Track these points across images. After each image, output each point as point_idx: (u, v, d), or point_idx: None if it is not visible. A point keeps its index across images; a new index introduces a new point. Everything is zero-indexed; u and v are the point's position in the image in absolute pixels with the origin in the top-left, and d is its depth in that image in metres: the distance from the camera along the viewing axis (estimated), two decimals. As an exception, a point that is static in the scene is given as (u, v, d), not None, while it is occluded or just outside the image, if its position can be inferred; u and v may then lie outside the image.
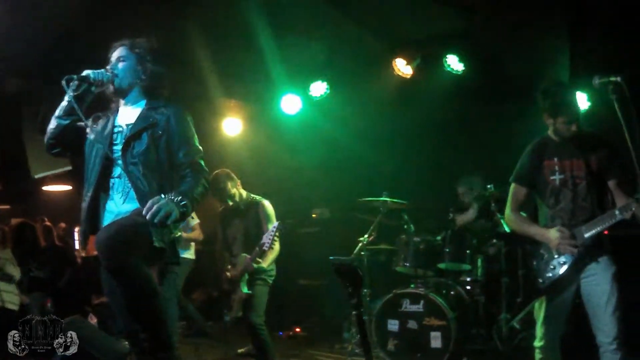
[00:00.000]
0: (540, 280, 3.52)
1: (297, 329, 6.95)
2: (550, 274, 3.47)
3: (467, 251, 5.57)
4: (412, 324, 5.05)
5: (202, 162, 3.17)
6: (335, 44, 6.28)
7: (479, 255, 5.67)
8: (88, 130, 3.18)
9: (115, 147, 3.11)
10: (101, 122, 3.22)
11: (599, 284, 3.33)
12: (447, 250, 5.54)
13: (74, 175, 7.81)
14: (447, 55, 6.05)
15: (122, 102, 3.26)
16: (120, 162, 3.06)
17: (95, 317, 6.38)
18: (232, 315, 5.05)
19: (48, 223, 7.48)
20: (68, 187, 8.52)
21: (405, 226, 5.83)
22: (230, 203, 5.09)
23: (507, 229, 5.34)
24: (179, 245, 3.26)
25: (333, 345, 6.20)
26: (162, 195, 2.80)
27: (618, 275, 3.32)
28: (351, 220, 6.87)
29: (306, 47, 6.40)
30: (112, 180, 3.09)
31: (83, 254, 8.35)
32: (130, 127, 3.11)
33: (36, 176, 6.13)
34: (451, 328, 4.83)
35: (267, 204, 5.22)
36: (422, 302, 5.06)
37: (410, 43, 6.12)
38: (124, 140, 3.06)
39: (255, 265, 4.80)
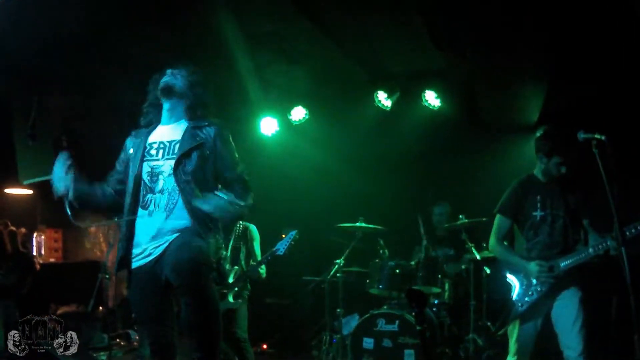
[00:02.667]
0: (520, 304, 3.89)
1: (264, 346, 7.08)
2: (528, 299, 3.85)
3: (438, 275, 5.90)
4: (387, 343, 5.28)
5: (247, 178, 3.28)
6: (319, 71, 6.52)
7: (447, 280, 6.02)
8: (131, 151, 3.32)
9: (156, 163, 3.18)
10: (136, 143, 3.32)
11: (567, 307, 3.75)
12: (420, 274, 5.82)
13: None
14: (426, 91, 6.47)
15: (164, 118, 3.32)
16: (166, 178, 3.13)
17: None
18: None
19: (13, 228, 7.29)
20: (29, 192, 8.32)
21: (381, 251, 6.11)
22: None
23: (477, 256, 5.76)
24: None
25: (303, 362, 6.40)
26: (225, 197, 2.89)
27: (583, 300, 3.74)
28: (320, 242, 7.10)
29: (289, 71, 6.65)
30: (151, 196, 3.13)
31: (41, 261, 8.21)
32: (176, 143, 3.18)
33: (25, 182, 6.06)
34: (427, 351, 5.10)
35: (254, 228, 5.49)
36: (397, 322, 5.31)
37: (392, 77, 6.47)
38: (174, 157, 3.12)
39: (260, 271, 5.01)
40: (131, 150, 3.32)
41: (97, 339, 6.54)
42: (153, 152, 3.22)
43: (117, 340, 6.83)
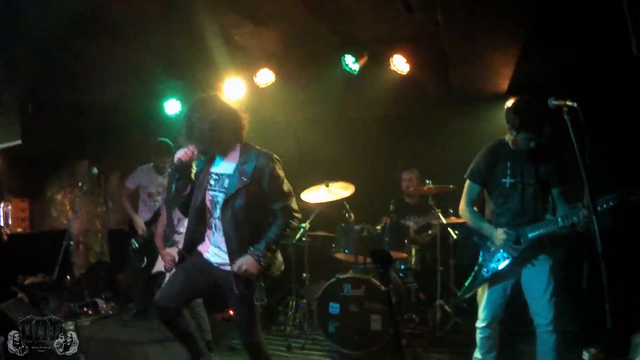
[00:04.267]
0: (485, 270, 3.92)
1: (231, 312, 7.01)
2: (494, 265, 3.88)
3: (405, 240, 5.92)
4: (353, 307, 5.27)
5: (293, 205, 3.60)
6: (286, 33, 6.35)
7: (414, 245, 6.04)
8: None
9: (214, 192, 3.56)
10: (202, 167, 3.66)
11: (537, 275, 3.79)
12: (386, 239, 5.83)
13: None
14: (394, 56, 6.37)
15: None
16: (220, 207, 3.49)
17: (27, 299, 6.18)
18: None
19: (-24, 198, 7.09)
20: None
21: (347, 215, 6.08)
22: None
23: (443, 221, 5.79)
24: None
25: (270, 327, 6.33)
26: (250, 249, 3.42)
27: (554, 268, 3.78)
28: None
29: (256, 33, 6.45)
30: (213, 221, 3.57)
31: (8, 231, 7.97)
32: (225, 177, 3.53)
33: (-14, 150, 5.78)
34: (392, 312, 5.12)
35: None
36: (363, 286, 5.29)
37: (360, 41, 6.34)
38: (223, 191, 3.49)
39: None
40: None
41: (64, 308, 6.45)
42: (212, 181, 3.59)
43: (85, 309, 6.71)
